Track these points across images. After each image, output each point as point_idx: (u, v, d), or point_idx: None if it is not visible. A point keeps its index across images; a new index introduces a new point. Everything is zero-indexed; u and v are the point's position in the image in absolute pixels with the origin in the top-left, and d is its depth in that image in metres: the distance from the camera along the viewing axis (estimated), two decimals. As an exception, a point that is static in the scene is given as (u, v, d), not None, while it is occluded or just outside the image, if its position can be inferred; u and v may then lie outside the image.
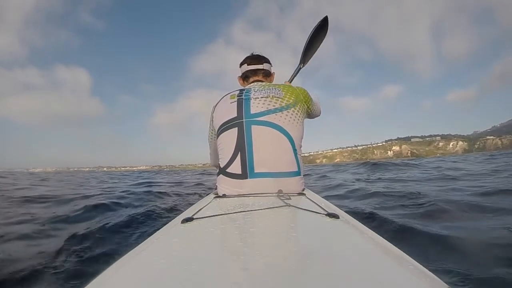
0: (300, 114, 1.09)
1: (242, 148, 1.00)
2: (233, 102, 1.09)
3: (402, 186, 3.50)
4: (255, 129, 1.01)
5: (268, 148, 1.01)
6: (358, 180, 4.83)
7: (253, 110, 1.04)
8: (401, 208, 2.14)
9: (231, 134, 1.04)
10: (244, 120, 1.03)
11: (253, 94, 1.09)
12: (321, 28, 1.53)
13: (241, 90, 1.15)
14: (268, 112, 1.03)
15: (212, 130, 1.20)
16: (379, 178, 4.89)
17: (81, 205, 2.50)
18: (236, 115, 1.05)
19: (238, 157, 1.00)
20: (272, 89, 1.11)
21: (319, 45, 1.56)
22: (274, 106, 1.05)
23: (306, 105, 1.15)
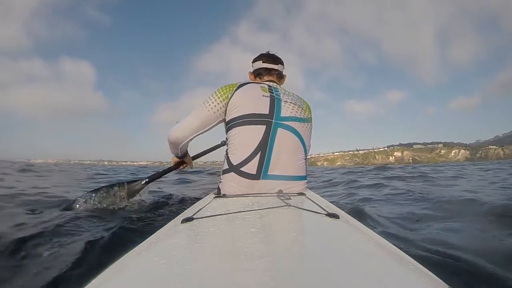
0: (311, 129, 1.15)
1: (264, 148, 0.99)
2: (265, 96, 1.05)
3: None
4: (280, 132, 1.01)
5: (287, 153, 1.02)
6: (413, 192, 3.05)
7: (283, 113, 1.04)
8: None
9: (257, 131, 0.99)
10: (273, 120, 1.01)
11: (282, 96, 1.08)
12: None
13: (269, 86, 1.11)
14: (295, 118, 1.06)
15: (220, 102, 1.05)
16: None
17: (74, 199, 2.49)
18: (267, 113, 1.01)
19: (257, 157, 0.98)
20: (297, 98, 1.15)
21: None
22: (300, 115, 1.08)
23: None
